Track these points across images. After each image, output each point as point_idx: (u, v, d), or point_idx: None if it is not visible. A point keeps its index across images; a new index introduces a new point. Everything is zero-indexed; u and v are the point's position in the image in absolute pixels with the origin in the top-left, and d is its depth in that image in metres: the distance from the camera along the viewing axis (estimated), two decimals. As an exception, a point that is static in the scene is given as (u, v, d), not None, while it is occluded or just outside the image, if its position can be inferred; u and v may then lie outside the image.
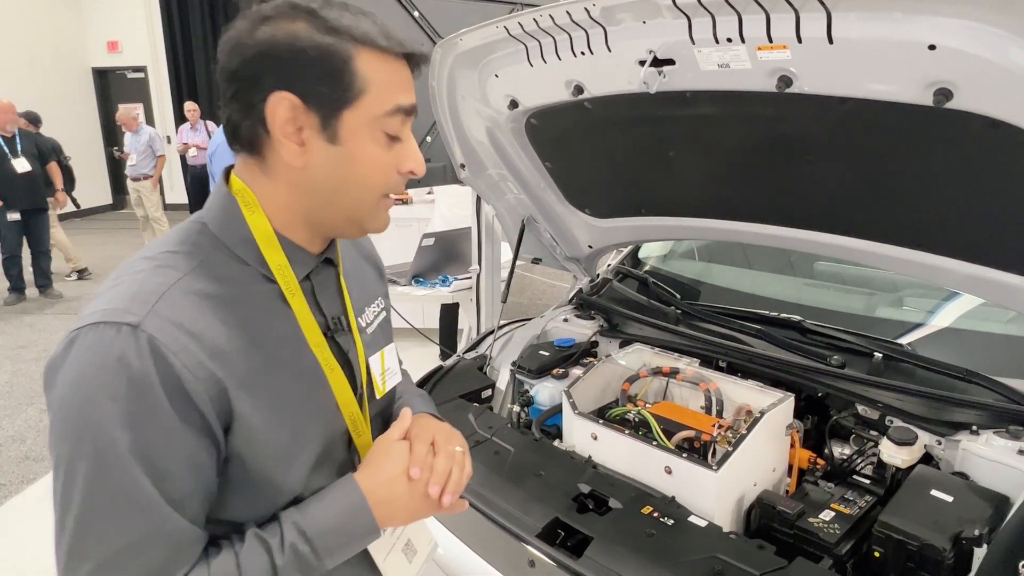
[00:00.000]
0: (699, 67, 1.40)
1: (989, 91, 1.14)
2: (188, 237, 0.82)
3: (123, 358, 0.71)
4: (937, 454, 1.60)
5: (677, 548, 1.39)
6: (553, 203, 2.30)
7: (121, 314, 0.73)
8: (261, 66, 0.77)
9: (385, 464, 0.88)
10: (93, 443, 0.71)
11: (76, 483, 0.72)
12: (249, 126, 0.79)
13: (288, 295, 0.83)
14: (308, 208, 0.83)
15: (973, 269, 1.50)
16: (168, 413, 0.72)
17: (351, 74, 0.77)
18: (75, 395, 0.72)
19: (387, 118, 0.81)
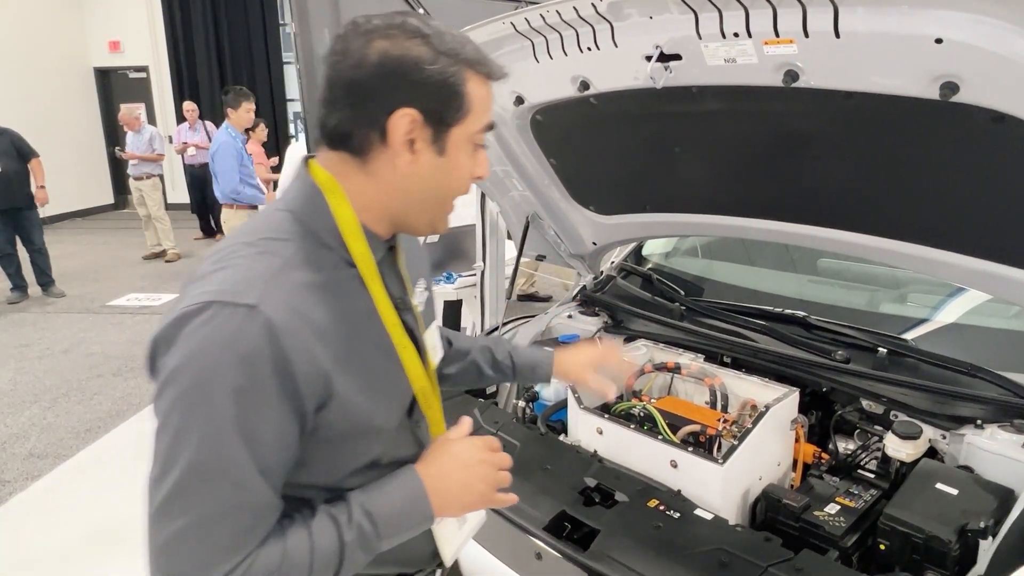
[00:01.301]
0: (705, 62, 1.40)
1: (995, 84, 1.15)
2: (281, 225, 0.88)
3: (239, 336, 0.76)
4: (942, 448, 1.61)
5: (683, 540, 1.40)
6: (557, 200, 2.30)
7: (237, 295, 0.78)
8: (387, 83, 0.84)
9: (445, 461, 0.97)
10: (206, 413, 0.76)
11: (183, 448, 0.77)
12: (364, 133, 0.86)
13: (368, 279, 0.91)
14: (398, 207, 0.92)
15: (979, 264, 1.50)
16: (274, 391, 0.78)
17: (463, 96, 0.87)
18: (192, 367, 0.76)
19: (479, 133, 0.91)
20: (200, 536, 0.78)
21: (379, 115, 0.85)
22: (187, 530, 0.78)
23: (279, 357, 0.78)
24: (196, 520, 0.78)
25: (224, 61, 11.08)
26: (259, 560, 0.81)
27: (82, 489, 3.47)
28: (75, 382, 4.77)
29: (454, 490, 0.96)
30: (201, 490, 0.78)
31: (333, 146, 0.89)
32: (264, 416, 0.78)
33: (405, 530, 0.93)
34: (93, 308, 6.47)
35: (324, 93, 0.87)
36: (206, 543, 0.79)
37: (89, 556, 2.95)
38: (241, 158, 4.80)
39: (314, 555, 0.84)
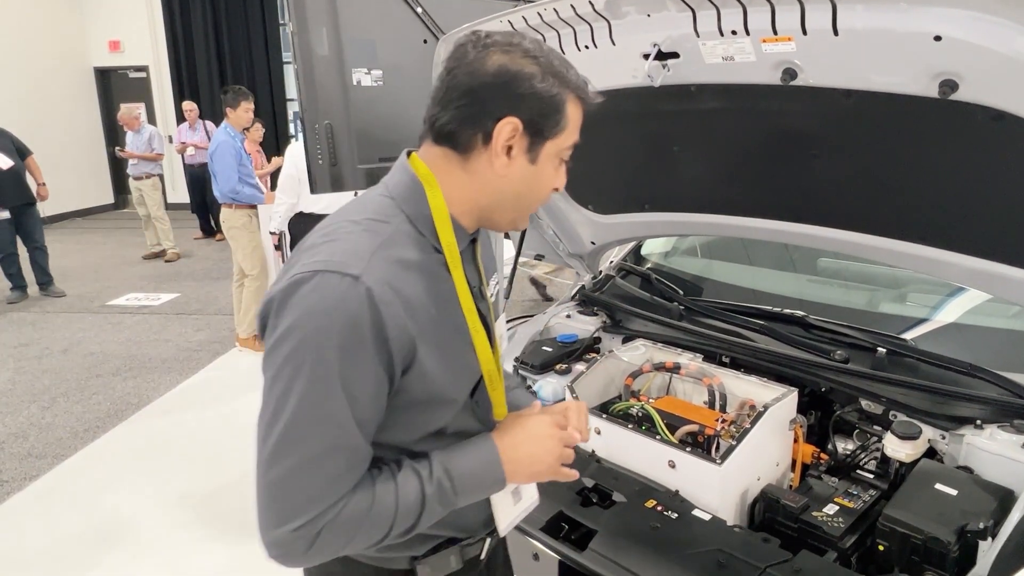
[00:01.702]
0: (704, 60, 1.40)
1: (995, 82, 1.14)
2: (383, 208, 0.98)
3: (345, 301, 0.87)
4: (941, 448, 1.60)
5: (681, 541, 1.39)
6: (555, 199, 2.30)
7: (344, 266, 0.88)
8: (500, 92, 0.93)
9: (517, 432, 1.06)
10: (315, 366, 0.86)
11: (294, 396, 0.87)
12: (470, 134, 0.95)
13: (452, 266, 1.00)
14: (487, 204, 1.01)
15: (978, 263, 1.50)
16: (372, 351, 0.88)
17: (561, 114, 0.96)
18: (303, 325, 0.87)
19: (567, 150, 1.01)
20: (306, 474, 0.88)
21: (487, 120, 0.94)
22: (295, 468, 0.88)
23: (377, 322, 0.87)
24: (303, 459, 0.88)
25: (224, 61, 11.07)
26: (352, 502, 0.91)
27: (80, 489, 3.47)
28: (74, 382, 4.77)
29: (524, 460, 1.05)
30: (309, 433, 0.88)
31: (439, 141, 0.99)
32: (363, 372, 0.89)
33: (479, 491, 1.03)
34: (92, 308, 6.47)
35: (438, 94, 0.97)
36: (311, 480, 0.88)
37: (87, 556, 2.95)
38: (240, 157, 4.79)
39: (399, 503, 0.94)
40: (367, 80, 2.19)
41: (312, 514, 0.88)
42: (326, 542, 0.90)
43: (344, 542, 0.92)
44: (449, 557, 1.11)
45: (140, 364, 5.06)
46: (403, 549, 1.07)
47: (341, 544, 0.92)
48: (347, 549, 0.94)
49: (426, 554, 1.09)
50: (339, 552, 0.94)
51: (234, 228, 4.91)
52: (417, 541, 1.07)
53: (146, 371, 4.93)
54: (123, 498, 3.35)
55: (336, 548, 0.92)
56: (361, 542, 0.94)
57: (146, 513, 3.23)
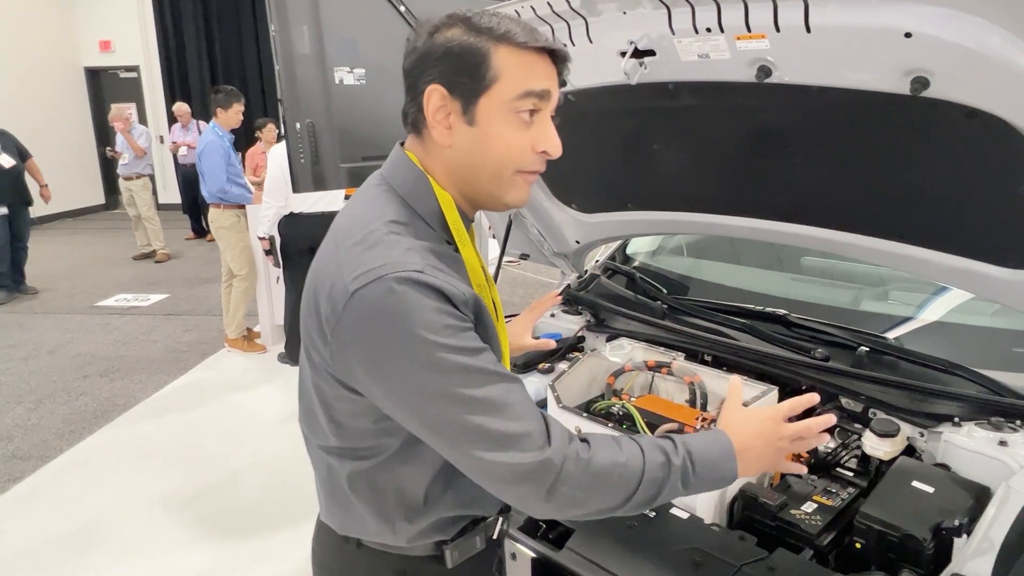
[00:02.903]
0: (680, 58, 1.39)
1: (967, 79, 1.14)
2: (398, 209, 0.98)
3: (419, 295, 0.88)
4: (920, 446, 1.60)
5: (658, 540, 1.39)
6: (540, 198, 2.29)
7: (404, 266, 0.89)
8: (422, 64, 0.95)
9: (748, 432, 1.06)
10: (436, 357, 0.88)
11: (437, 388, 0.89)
12: (414, 112, 0.98)
13: (462, 247, 1.01)
14: (457, 182, 1.00)
15: (954, 261, 1.50)
16: (462, 321, 0.91)
17: (486, 66, 0.92)
18: (399, 330, 0.88)
19: (518, 101, 0.93)
20: (500, 420, 0.89)
21: (418, 94, 0.95)
22: (488, 422, 0.89)
23: (449, 299, 0.90)
24: (489, 412, 0.89)
25: (215, 61, 11.05)
26: (599, 450, 0.91)
27: (64, 491, 3.45)
28: (60, 383, 4.74)
29: (753, 458, 1.05)
30: (476, 396, 0.89)
31: (407, 129, 1.02)
32: (471, 337, 0.92)
33: (713, 479, 1.02)
34: (81, 309, 6.44)
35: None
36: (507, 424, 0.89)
37: (70, 558, 2.93)
38: (228, 157, 4.77)
39: (646, 467, 0.93)
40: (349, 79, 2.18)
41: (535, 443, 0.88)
42: (571, 485, 0.89)
43: (588, 491, 0.91)
44: (475, 538, 1.11)
45: (128, 365, 5.04)
46: (431, 534, 1.07)
47: (586, 492, 0.91)
48: (591, 501, 0.92)
49: (454, 537, 1.09)
50: (585, 506, 0.92)
51: (222, 228, 4.89)
52: (447, 523, 1.08)
53: (134, 372, 4.91)
54: (108, 499, 3.33)
55: (585, 495, 0.91)
56: (607, 497, 0.92)
57: (131, 514, 3.21)
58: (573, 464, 0.90)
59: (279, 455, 3.59)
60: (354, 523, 1.09)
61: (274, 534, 3.01)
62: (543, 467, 0.88)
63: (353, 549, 1.11)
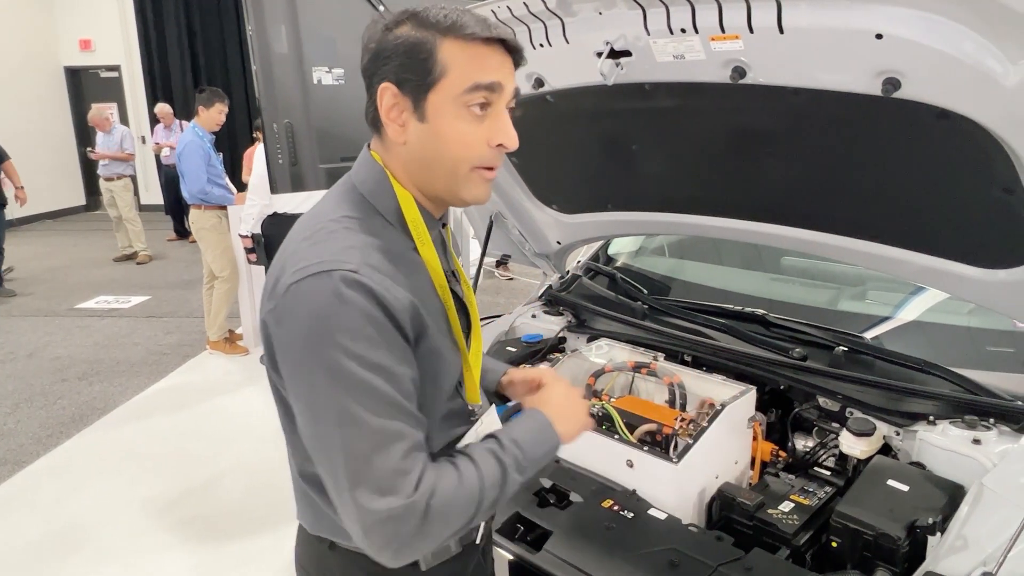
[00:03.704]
0: (655, 58, 1.39)
1: (937, 80, 1.15)
2: (355, 204, 0.99)
3: (350, 296, 0.87)
4: (895, 444, 1.62)
5: (635, 541, 1.39)
6: (520, 199, 2.29)
7: (340, 264, 0.89)
8: (375, 64, 0.95)
9: (551, 398, 1.11)
10: (345, 365, 0.86)
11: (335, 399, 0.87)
12: (372, 110, 0.97)
13: (420, 246, 1.00)
14: (416, 179, 0.99)
15: (928, 261, 1.51)
16: (391, 333, 0.89)
17: (432, 61, 0.91)
18: (318, 330, 0.87)
19: (467, 95, 0.92)
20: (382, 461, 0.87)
21: (373, 92, 0.95)
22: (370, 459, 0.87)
23: (384, 306, 0.88)
24: (374, 448, 0.87)
25: (198, 61, 10.93)
26: (442, 479, 0.90)
27: (42, 496, 3.40)
28: (38, 387, 4.67)
29: (567, 418, 1.09)
30: (371, 424, 0.87)
31: (371, 130, 1.01)
32: (392, 354, 0.89)
33: (543, 454, 1.04)
34: (60, 311, 6.35)
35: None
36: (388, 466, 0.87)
37: (47, 564, 2.89)
38: (209, 158, 4.72)
39: (483, 475, 0.94)
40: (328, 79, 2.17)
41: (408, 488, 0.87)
42: (434, 521, 0.89)
43: (446, 520, 0.91)
44: (448, 542, 1.09)
45: (108, 368, 4.97)
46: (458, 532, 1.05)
47: (444, 522, 0.90)
48: (450, 527, 0.92)
49: None
50: (444, 534, 0.91)
51: (203, 229, 4.84)
52: None
53: (114, 375, 4.84)
54: (86, 505, 3.29)
55: (442, 527, 0.90)
56: (459, 519, 0.93)
57: (109, 520, 3.17)
58: (429, 505, 0.88)
59: (261, 458, 3.56)
60: (323, 523, 1.09)
61: (256, 538, 2.98)
62: (411, 509, 0.87)
63: (326, 550, 1.10)
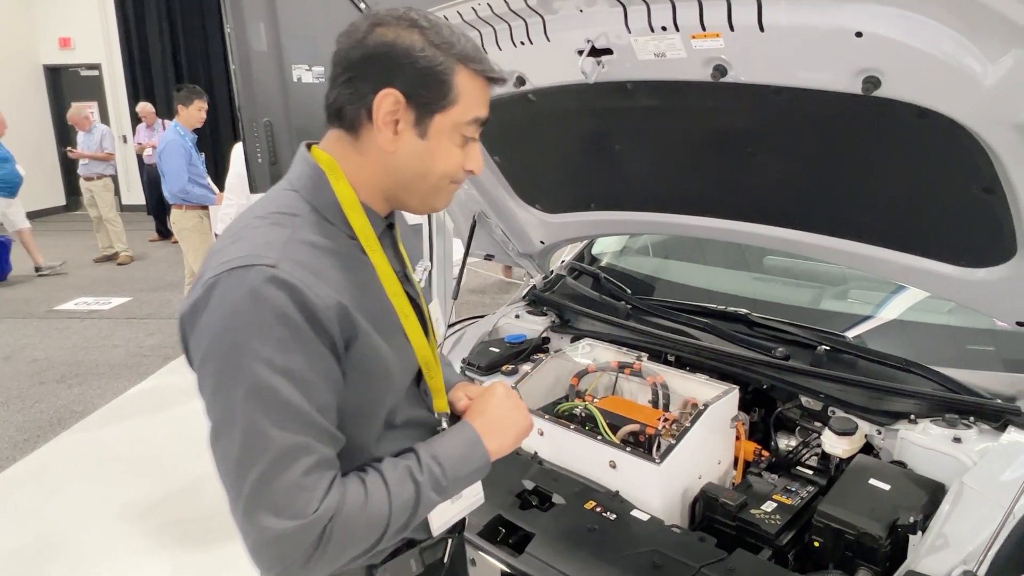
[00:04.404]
0: (636, 56, 1.39)
1: (917, 79, 1.15)
2: (288, 202, 0.96)
3: (265, 293, 0.84)
4: (877, 443, 1.62)
5: (618, 542, 1.38)
6: (504, 198, 2.27)
7: (257, 258, 0.86)
8: (378, 63, 0.91)
9: (487, 407, 1.08)
10: (253, 365, 0.83)
11: (244, 402, 0.83)
12: (354, 109, 0.93)
13: (369, 251, 0.97)
14: (389, 184, 0.98)
15: (909, 259, 1.52)
16: (308, 335, 0.86)
17: (449, 86, 0.93)
18: (228, 328, 0.84)
19: (467, 125, 0.96)
20: (283, 471, 0.83)
21: (367, 93, 0.92)
22: (268, 473, 0.83)
23: (305, 304, 0.85)
24: (271, 461, 0.83)
25: (180, 59, 10.81)
26: (347, 498, 0.87)
27: (19, 502, 3.34)
28: (15, 390, 4.59)
29: (501, 429, 1.06)
30: (271, 434, 0.83)
31: (332, 123, 0.97)
32: (307, 357, 0.86)
33: (468, 473, 1.02)
34: (38, 313, 6.25)
35: (330, 71, 0.96)
36: (291, 475, 0.84)
37: (27, 571, 2.83)
38: (190, 157, 4.66)
39: (392, 495, 0.91)
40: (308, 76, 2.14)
41: (307, 508, 0.83)
42: (331, 544, 0.85)
43: (345, 544, 0.88)
44: (409, 561, 1.08)
45: (87, 370, 4.90)
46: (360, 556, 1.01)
47: (343, 546, 0.88)
48: (348, 552, 0.89)
49: (384, 560, 1.05)
50: (341, 559, 0.89)
51: (185, 230, 4.78)
52: None
53: (93, 378, 4.77)
54: (64, 510, 3.23)
55: (339, 551, 0.87)
56: (361, 543, 0.90)
57: (88, 525, 3.12)
58: (327, 528, 0.85)
59: (243, 461, 3.52)
60: None
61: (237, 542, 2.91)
62: (306, 531, 0.83)
63: None
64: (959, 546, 1.23)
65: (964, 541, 1.23)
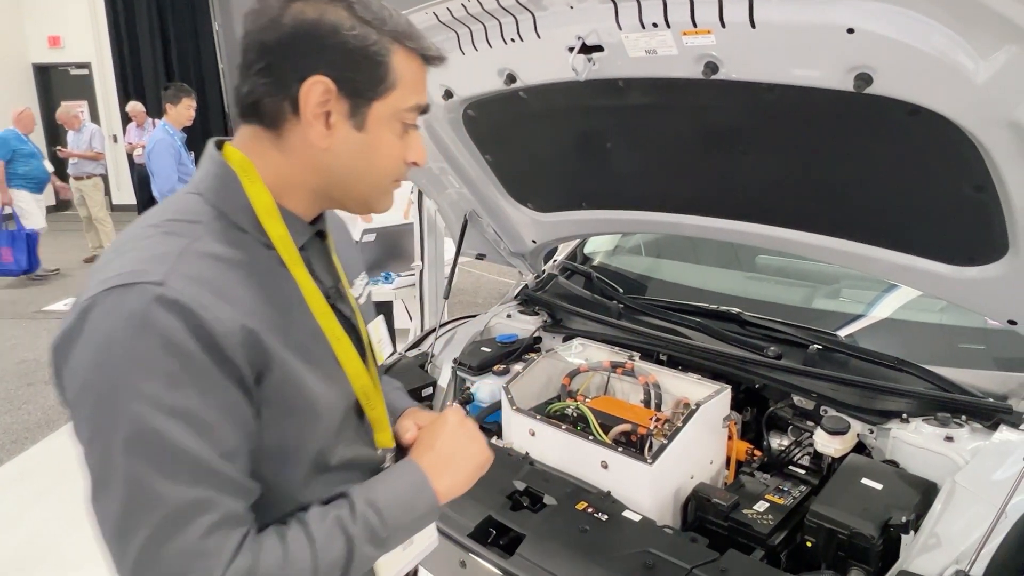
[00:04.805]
0: (627, 53, 1.38)
1: (909, 76, 1.14)
2: (188, 206, 0.82)
3: (150, 317, 0.70)
4: (869, 443, 1.61)
5: (610, 543, 1.36)
6: (495, 197, 2.26)
7: (141, 275, 0.72)
8: (300, 47, 0.78)
9: (436, 440, 0.94)
10: (138, 408, 0.69)
11: (124, 452, 0.69)
12: (274, 102, 0.80)
13: (289, 263, 0.84)
14: (321, 185, 0.86)
15: (901, 258, 1.51)
16: (205, 367, 0.72)
17: (386, 69, 0.81)
18: (104, 362, 0.70)
19: (407, 112, 0.85)
20: (178, 534, 0.70)
21: (290, 82, 0.79)
22: (156, 538, 0.69)
23: (200, 330, 0.71)
24: (160, 523, 0.70)
25: (170, 58, 10.74)
26: (260, 560, 0.73)
27: (6, 504, 3.30)
28: (3, 391, 4.55)
29: (457, 464, 0.94)
30: (155, 489, 0.69)
31: (245, 118, 0.84)
32: (204, 393, 0.72)
33: (412, 518, 0.88)
34: (27, 314, 6.20)
35: (240, 58, 0.82)
36: (186, 539, 0.70)
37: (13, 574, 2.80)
38: (179, 156, 4.63)
39: (317, 551, 0.77)
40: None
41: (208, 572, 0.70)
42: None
43: None
44: None
45: (76, 372, 4.86)
46: None
47: None
48: None
49: None
50: None
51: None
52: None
53: (82, 379, 4.73)
54: (51, 513, 3.20)
55: None
56: None
57: (75, 527, 3.08)
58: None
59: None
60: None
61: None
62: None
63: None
64: (951, 545, 1.22)
65: (956, 540, 1.23)
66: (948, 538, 1.24)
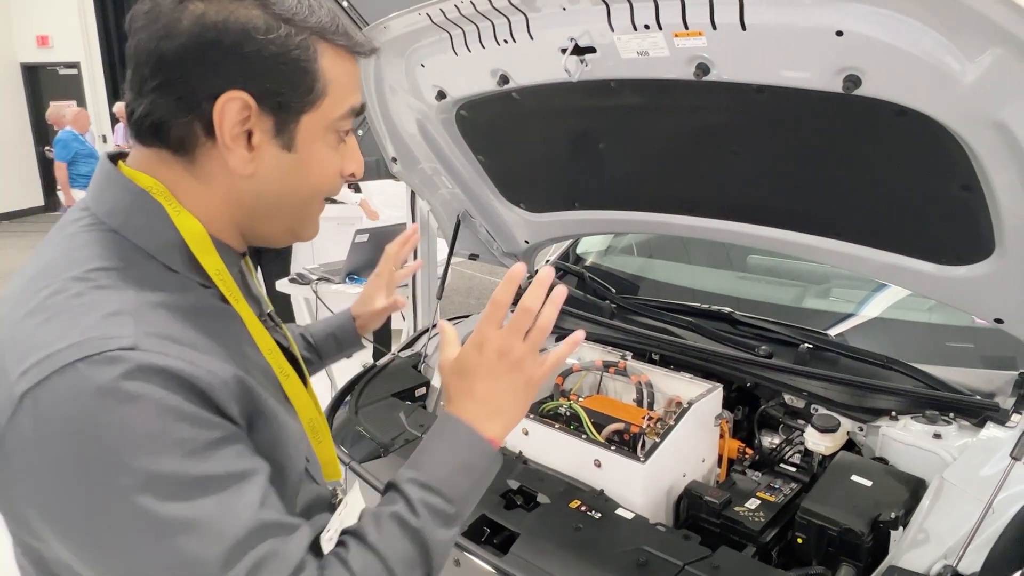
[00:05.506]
0: (620, 55, 1.39)
1: (896, 78, 1.16)
2: (108, 250, 0.68)
3: (132, 390, 0.59)
4: (859, 440, 1.63)
5: (603, 541, 1.37)
6: (488, 197, 2.27)
7: (102, 343, 0.59)
8: (208, 58, 0.66)
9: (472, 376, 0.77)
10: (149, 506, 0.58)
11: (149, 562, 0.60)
12: (183, 124, 0.68)
13: (232, 301, 0.74)
14: (243, 217, 0.75)
15: (889, 258, 1.53)
16: (209, 426, 0.62)
17: (315, 76, 0.70)
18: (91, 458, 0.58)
19: (342, 120, 0.74)
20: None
21: (199, 101, 0.66)
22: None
23: (193, 388, 0.62)
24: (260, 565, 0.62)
25: (161, 58, 10.69)
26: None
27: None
28: None
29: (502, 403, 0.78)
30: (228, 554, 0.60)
31: (144, 141, 0.70)
32: (220, 453, 0.62)
33: (476, 480, 0.77)
34: (16, 315, 6.15)
35: (128, 72, 0.68)
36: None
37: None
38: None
39: (386, 562, 0.68)
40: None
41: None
42: None
43: None
44: None
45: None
46: None
47: None
48: None
49: None
50: None
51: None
52: None
53: (72, 380, 4.70)
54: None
55: None
56: None
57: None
58: None
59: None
60: None
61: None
62: None
63: None
64: (940, 541, 1.24)
65: (945, 536, 1.24)
66: (937, 533, 1.25)
